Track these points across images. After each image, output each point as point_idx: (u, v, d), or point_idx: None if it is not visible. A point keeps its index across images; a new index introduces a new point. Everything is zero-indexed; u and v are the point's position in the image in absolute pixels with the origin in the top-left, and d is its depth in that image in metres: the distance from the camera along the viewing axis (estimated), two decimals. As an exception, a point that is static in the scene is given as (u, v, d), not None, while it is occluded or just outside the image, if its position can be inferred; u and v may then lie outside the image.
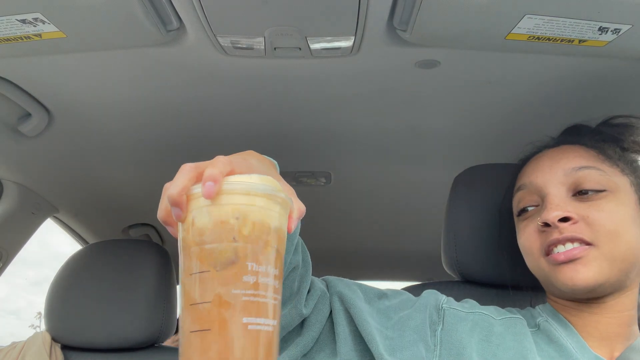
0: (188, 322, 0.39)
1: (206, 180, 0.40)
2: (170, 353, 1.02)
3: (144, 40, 0.69)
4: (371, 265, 1.95)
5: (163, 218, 0.44)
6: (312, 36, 0.69)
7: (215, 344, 0.38)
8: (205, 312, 0.38)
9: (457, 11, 0.62)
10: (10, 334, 18.02)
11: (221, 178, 0.40)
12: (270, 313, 0.40)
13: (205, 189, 0.39)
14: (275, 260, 0.41)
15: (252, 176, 0.42)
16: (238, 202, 0.40)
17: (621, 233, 0.59)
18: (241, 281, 0.39)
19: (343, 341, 0.60)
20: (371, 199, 1.39)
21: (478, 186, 0.86)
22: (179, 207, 0.41)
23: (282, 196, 0.42)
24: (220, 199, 0.40)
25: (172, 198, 0.41)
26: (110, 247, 1.08)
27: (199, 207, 0.40)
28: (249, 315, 0.38)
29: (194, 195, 0.41)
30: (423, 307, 0.65)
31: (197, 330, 0.38)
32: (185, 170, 0.42)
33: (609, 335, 0.63)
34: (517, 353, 0.60)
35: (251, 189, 0.40)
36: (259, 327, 0.39)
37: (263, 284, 0.40)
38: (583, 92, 0.85)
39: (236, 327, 0.38)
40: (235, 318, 0.38)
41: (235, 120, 0.98)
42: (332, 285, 0.66)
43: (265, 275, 0.40)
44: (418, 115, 0.96)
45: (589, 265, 0.59)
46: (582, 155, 0.65)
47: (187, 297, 0.40)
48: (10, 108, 0.90)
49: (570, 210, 0.61)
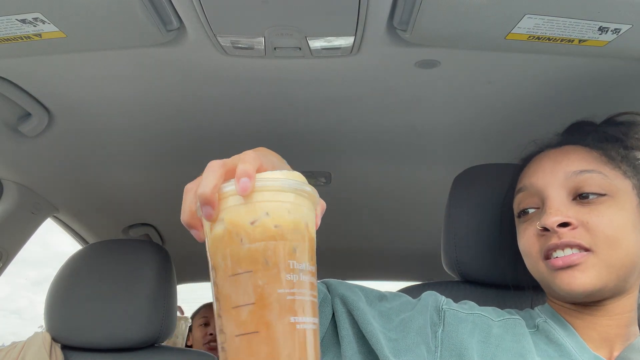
0: (232, 326, 0.38)
1: (240, 177, 0.38)
2: (170, 353, 1.02)
3: (144, 40, 0.69)
4: (371, 265, 1.95)
5: (187, 220, 0.42)
6: (312, 36, 0.69)
7: (264, 346, 0.37)
8: (250, 315, 0.37)
9: (457, 11, 0.62)
10: (12, 333, 18.15)
11: (254, 174, 0.39)
12: (312, 311, 0.39)
13: (240, 186, 0.38)
14: (312, 257, 0.41)
15: (281, 172, 0.41)
16: (271, 199, 0.39)
17: (620, 239, 0.59)
18: (284, 280, 0.38)
19: (348, 344, 0.60)
20: (371, 199, 1.39)
21: (478, 186, 0.86)
22: (210, 206, 0.39)
23: (310, 191, 0.41)
24: (252, 196, 0.39)
25: (205, 197, 0.39)
26: (110, 247, 1.08)
27: (232, 206, 0.39)
28: (294, 315, 0.38)
29: (226, 193, 0.39)
30: (424, 308, 0.64)
31: (244, 334, 0.37)
32: (214, 168, 0.41)
33: (608, 336, 0.63)
34: (516, 353, 0.60)
35: (283, 185, 0.40)
36: (305, 325, 0.38)
37: (303, 282, 0.39)
38: (583, 92, 0.85)
39: (283, 327, 0.37)
40: (282, 318, 0.37)
41: (235, 120, 0.98)
42: (333, 287, 0.65)
43: (305, 273, 0.39)
44: (418, 115, 0.96)
45: (587, 272, 0.59)
46: (584, 158, 0.64)
47: (227, 300, 0.38)
48: (10, 108, 0.90)
49: (570, 215, 0.60)
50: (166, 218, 1.54)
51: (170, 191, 1.31)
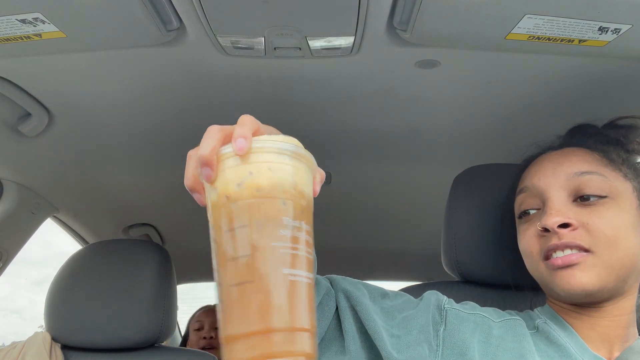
0: (228, 276, 0.40)
1: (237, 137, 0.41)
2: (170, 353, 1.02)
3: (144, 40, 0.69)
4: (371, 265, 1.95)
5: (190, 185, 0.45)
6: (312, 36, 0.69)
7: (257, 294, 0.39)
8: (246, 266, 0.39)
9: (457, 11, 0.62)
10: (12, 333, 18.06)
11: (251, 136, 0.41)
12: (306, 266, 0.41)
13: (236, 145, 0.40)
14: (307, 217, 0.43)
15: (278, 136, 0.43)
16: (268, 160, 0.41)
17: (620, 240, 0.59)
18: (278, 234, 0.40)
19: (351, 338, 0.61)
20: (371, 199, 1.39)
21: (478, 186, 0.86)
22: (209, 167, 0.41)
23: (308, 155, 0.43)
24: (250, 157, 0.41)
25: (204, 157, 0.41)
26: (110, 247, 1.08)
27: (230, 166, 0.41)
28: (287, 267, 0.40)
29: (224, 155, 0.42)
30: (426, 307, 0.65)
31: (238, 284, 0.39)
32: (213, 131, 0.43)
33: (608, 337, 0.63)
34: (516, 354, 0.60)
35: (280, 147, 0.42)
36: (297, 278, 0.40)
37: (298, 238, 0.41)
38: (583, 92, 0.85)
39: (276, 277, 0.39)
40: (275, 269, 0.39)
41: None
42: (336, 282, 0.66)
43: (299, 230, 0.41)
44: (418, 115, 0.96)
45: (586, 271, 0.59)
46: (586, 160, 0.64)
47: (225, 254, 0.41)
48: (10, 108, 0.90)
49: (571, 216, 0.61)
50: (166, 218, 1.54)
51: (170, 191, 1.31)
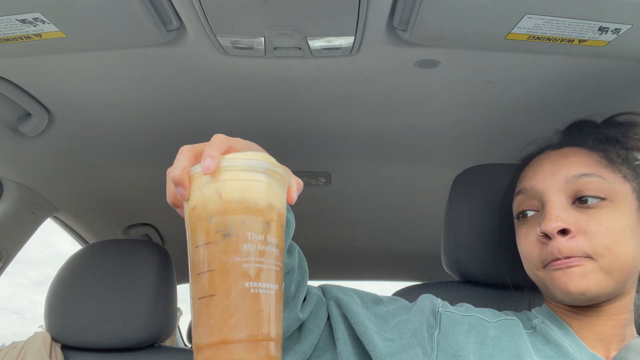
0: (196, 290, 0.43)
1: (205, 157, 0.42)
2: (171, 353, 1.02)
3: (144, 40, 0.69)
4: (371, 265, 1.95)
5: (171, 201, 0.47)
6: (312, 36, 0.69)
7: (219, 307, 0.41)
8: (210, 280, 0.42)
9: (457, 11, 0.62)
10: (13, 333, 18.09)
11: (219, 155, 0.43)
12: (274, 277, 0.43)
13: (204, 165, 0.42)
14: (275, 230, 0.44)
15: (248, 153, 0.45)
16: (236, 178, 0.43)
17: (619, 246, 0.59)
18: (242, 249, 0.42)
19: (343, 345, 0.61)
20: (371, 199, 1.39)
21: (478, 186, 0.86)
22: (181, 187, 0.44)
23: (279, 171, 0.45)
24: (219, 175, 0.43)
25: (175, 179, 0.44)
26: (110, 247, 1.08)
27: (201, 185, 0.44)
28: (249, 280, 0.41)
29: (195, 175, 0.44)
30: (420, 311, 0.65)
31: (203, 297, 0.42)
32: (184, 152, 0.45)
33: (605, 337, 0.63)
34: (513, 353, 0.60)
35: (248, 165, 0.43)
36: (260, 290, 0.42)
37: (263, 252, 0.43)
38: (583, 92, 0.85)
39: (237, 291, 0.41)
40: (237, 283, 0.41)
41: (235, 120, 0.98)
42: (328, 291, 0.66)
43: (265, 244, 0.43)
44: (418, 115, 0.96)
45: (584, 276, 0.59)
46: (585, 161, 0.64)
47: (195, 268, 0.43)
48: (10, 108, 0.90)
49: (570, 221, 0.60)
50: (166, 218, 1.54)
51: (170, 191, 1.31)
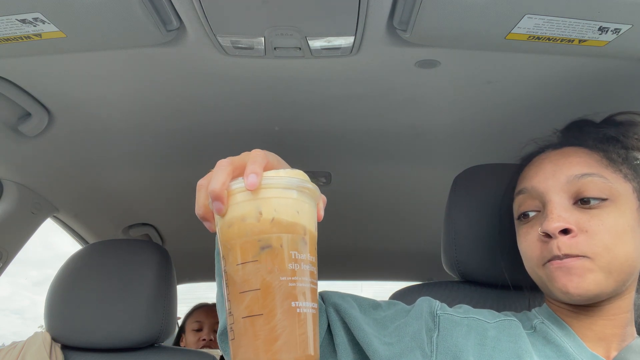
0: (239, 309, 0.42)
1: (249, 174, 0.43)
2: (171, 353, 1.02)
3: (144, 40, 0.69)
4: (371, 265, 1.95)
5: (201, 214, 0.47)
6: (312, 36, 0.69)
7: (266, 327, 0.41)
8: (255, 299, 0.42)
9: (457, 11, 0.62)
10: (13, 333, 18.15)
11: (261, 172, 0.43)
12: (311, 296, 0.43)
13: (248, 182, 0.42)
14: (311, 248, 0.45)
15: (285, 171, 0.46)
16: (276, 196, 0.44)
17: (619, 245, 0.59)
18: (286, 269, 0.42)
19: (343, 350, 0.61)
20: (371, 199, 1.39)
21: (478, 186, 0.86)
22: (220, 202, 0.43)
23: (312, 187, 0.46)
24: (259, 192, 0.43)
25: (215, 193, 0.43)
26: (110, 247, 1.08)
27: (240, 201, 0.44)
28: (294, 300, 0.42)
29: (234, 190, 0.44)
30: (418, 314, 0.65)
31: (247, 316, 0.42)
32: (223, 166, 0.45)
33: (605, 336, 0.63)
34: (512, 354, 0.60)
35: (287, 183, 0.44)
36: (304, 310, 0.42)
37: (304, 271, 0.43)
38: (583, 92, 0.85)
39: (284, 310, 0.41)
40: (283, 303, 0.42)
41: (235, 120, 0.98)
42: (326, 297, 0.66)
43: (305, 262, 0.44)
44: (418, 115, 0.96)
45: (584, 276, 0.59)
46: (586, 161, 0.64)
47: (235, 286, 0.43)
48: (10, 108, 0.90)
49: (571, 221, 0.60)
50: (166, 218, 1.54)
51: (170, 191, 1.31)
